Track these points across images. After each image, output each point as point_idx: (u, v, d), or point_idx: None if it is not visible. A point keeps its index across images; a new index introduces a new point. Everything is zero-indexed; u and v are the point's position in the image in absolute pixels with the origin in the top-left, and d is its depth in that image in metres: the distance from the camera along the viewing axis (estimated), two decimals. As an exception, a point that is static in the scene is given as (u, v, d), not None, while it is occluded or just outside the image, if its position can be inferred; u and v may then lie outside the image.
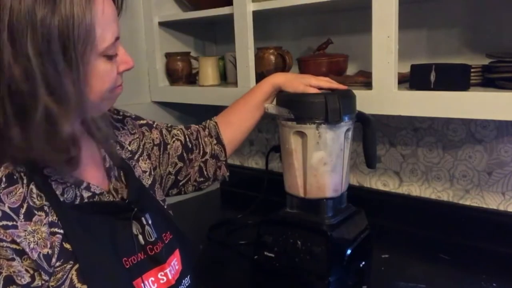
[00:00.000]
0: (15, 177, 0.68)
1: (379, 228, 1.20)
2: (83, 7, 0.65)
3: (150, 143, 0.96)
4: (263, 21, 1.51)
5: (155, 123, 1.01)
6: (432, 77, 0.99)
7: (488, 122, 1.19)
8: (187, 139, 1.03)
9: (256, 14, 1.28)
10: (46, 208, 0.70)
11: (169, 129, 1.03)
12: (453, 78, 0.98)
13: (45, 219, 0.69)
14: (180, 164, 1.01)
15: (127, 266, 0.75)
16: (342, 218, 1.06)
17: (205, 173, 1.05)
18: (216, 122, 1.09)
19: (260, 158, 1.74)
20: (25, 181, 0.69)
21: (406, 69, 1.08)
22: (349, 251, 1.02)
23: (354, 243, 1.05)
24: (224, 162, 1.08)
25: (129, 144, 0.92)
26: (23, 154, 0.67)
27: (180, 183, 1.03)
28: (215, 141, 1.07)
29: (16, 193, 0.68)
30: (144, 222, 0.81)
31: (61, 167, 0.70)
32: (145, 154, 0.94)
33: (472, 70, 1.02)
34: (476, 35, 1.16)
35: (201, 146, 1.05)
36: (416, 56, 1.24)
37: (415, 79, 1.03)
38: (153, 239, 0.81)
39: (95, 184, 0.78)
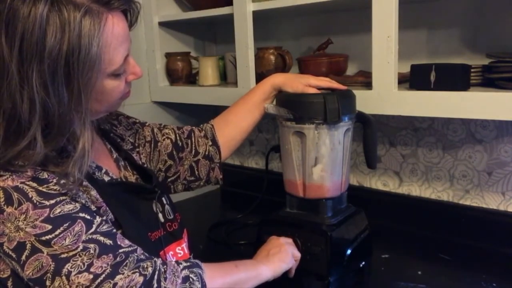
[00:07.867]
0: None
1: (379, 228, 1.20)
2: (91, 38, 0.65)
3: (142, 139, 1.01)
4: (263, 21, 1.51)
5: (147, 123, 1.05)
6: (432, 77, 0.99)
7: (488, 122, 1.19)
8: (178, 138, 1.05)
9: (256, 14, 1.28)
10: (85, 182, 0.74)
11: (161, 128, 1.05)
12: (453, 78, 0.98)
13: (90, 187, 0.74)
14: (170, 162, 1.03)
15: (153, 240, 0.84)
16: (342, 218, 1.06)
17: (196, 172, 1.06)
18: (212, 125, 1.10)
19: (260, 158, 1.73)
20: None
21: (406, 69, 1.08)
22: (349, 251, 1.02)
23: (354, 243, 1.05)
24: (218, 164, 1.08)
25: (129, 137, 0.98)
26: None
27: (169, 180, 1.05)
28: (210, 143, 1.07)
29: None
30: (164, 202, 0.92)
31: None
32: (140, 148, 1.00)
33: (472, 70, 1.02)
34: (476, 35, 1.16)
35: (193, 145, 1.06)
36: (416, 56, 1.24)
37: (415, 79, 1.03)
38: (172, 216, 0.91)
39: (110, 171, 0.84)
